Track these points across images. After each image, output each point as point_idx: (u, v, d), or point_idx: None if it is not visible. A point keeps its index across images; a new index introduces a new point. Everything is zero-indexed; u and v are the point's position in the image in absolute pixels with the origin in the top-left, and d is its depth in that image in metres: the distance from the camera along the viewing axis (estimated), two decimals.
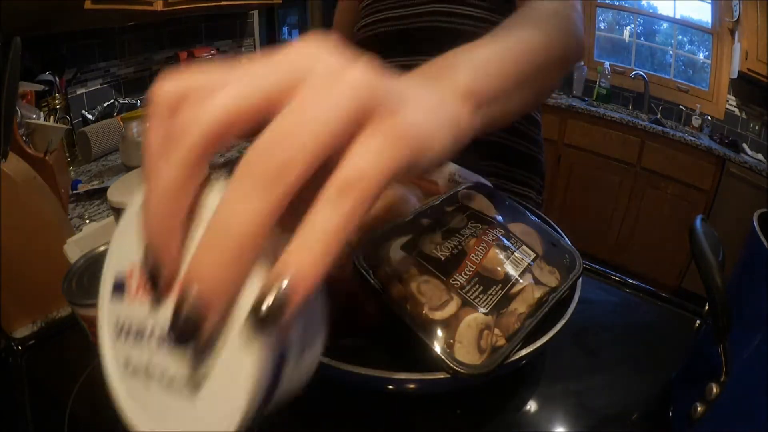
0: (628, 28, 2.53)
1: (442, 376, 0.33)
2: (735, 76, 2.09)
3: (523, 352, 0.35)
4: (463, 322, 0.34)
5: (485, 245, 0.40)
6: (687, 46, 2.37)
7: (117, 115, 1.58)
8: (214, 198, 0.17)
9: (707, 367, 0.33)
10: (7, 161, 0.47)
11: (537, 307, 0.38)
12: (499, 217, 0.45)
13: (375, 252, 0.40)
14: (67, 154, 1.21)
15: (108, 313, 0.19)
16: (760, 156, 1.98)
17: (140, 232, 0.17)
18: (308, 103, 0.16)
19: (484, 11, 0.64)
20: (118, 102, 1.74)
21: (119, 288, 0.19)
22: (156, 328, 0.17)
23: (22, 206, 0.47)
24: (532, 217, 0.48)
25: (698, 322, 0.46)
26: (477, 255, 0.39)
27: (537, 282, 0.40)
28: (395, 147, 0.17)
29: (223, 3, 1.97)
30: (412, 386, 0.35)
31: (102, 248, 0.34)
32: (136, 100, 1.82)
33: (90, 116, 1.63)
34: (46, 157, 0.67)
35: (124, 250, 0.19)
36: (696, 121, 2.27)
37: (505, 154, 0.73)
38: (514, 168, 0.74)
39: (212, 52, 2.07)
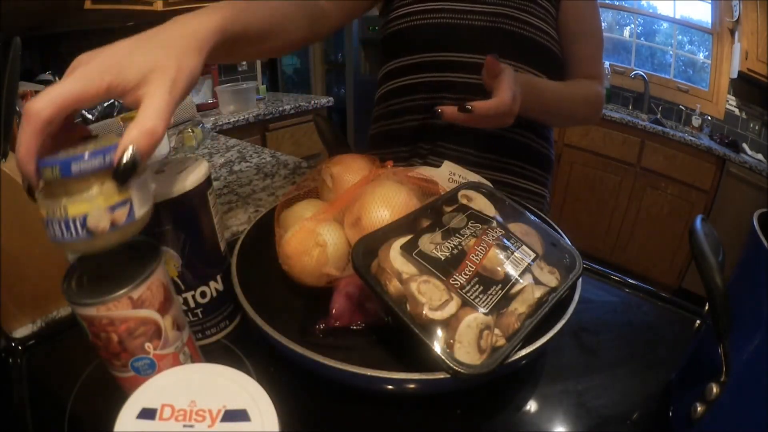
0: (628, 28, 2.53)
1: (442, 376, 0.33)
2: (735, 76, 2.09)
3: (523, 352, 0.35)
4: (463, 322, 0.34)
5: (485, 245, 0.40)
6: (687, 46, 2.37)
7: (117, 115, 1.58)
8: None
9: (707, 367, 0.33)
10: (7, 161, 0.47)
11: (537, 307, 0.38)
12: (499, 217, 0.45)
13: (375, 252, 0.40)
14: None
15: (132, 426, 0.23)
16: (760, 156, 1.98)
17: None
18: None
19: (544, 23, 0.66)
20: (118, 102, 1.74)
21: (148, 414, 0.24)
22: None
23: (22, 206, 0.47)
24: (532, 217, 0.48)
25: (698, 322, 0.46)
26: (477, 255, 0.39)
27: (537, 282, 0.40)
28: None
29: None
30: (412, 386, 0.35)
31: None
32: None
33: (90, 116, 1.63)
34: None
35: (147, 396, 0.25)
36: (696, 121, 2.27)
37: (528, 153, 0.74)
38: (531, 167, 0.75)
39: None
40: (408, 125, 0.73)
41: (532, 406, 0.40)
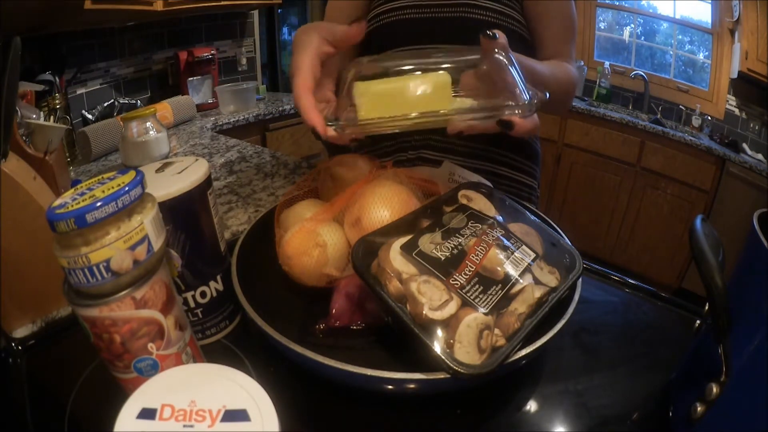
0: (628, 28, 2.53)
1: (442, 376, 0.33)
2: (735, 76, 2.09)
3: (523, 352, 0.35)
4: (463, 322, 0.34)
5: (485, 245, 0.40)
6: (687, 46, 2.37)
7: (117, 115, 1.58)
8: None
9: (707, 367, 0.33)
10: (7, 161, 0.47)
11: (537, 307, 0.38)
12: (499, 217, 0.45)
13: (375, 252, 0.40)
14: (67, 154, 1.21)
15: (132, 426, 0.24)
16: (760, 156, 1.98)
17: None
18: None
19: (503, 5, 0.67)
20: (118, 102, 1.74)
21: (148, 414, 0.24)
22: None
23: (22, 206, 0.47)
24: (532, 217, 0.48)
25: (698, 322, 0.46)
26: (477, 255, 0.39)
27: (537, 282, 0.40)
28: None
29: (223, 3, 1.97)
30: (412, 386, 0.35)
31: None
32: (136, 100, 1.82)
33: (90, 116, 1.63)
34: (46, 157, 0.67)
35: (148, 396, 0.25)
36: (696, 121, 2.27)
37: (511, 142, 0.74)
38: (509, 153, 0.75)
39: (212, 52, 2.07)
40: None
41: (532, 406, 0.40)
